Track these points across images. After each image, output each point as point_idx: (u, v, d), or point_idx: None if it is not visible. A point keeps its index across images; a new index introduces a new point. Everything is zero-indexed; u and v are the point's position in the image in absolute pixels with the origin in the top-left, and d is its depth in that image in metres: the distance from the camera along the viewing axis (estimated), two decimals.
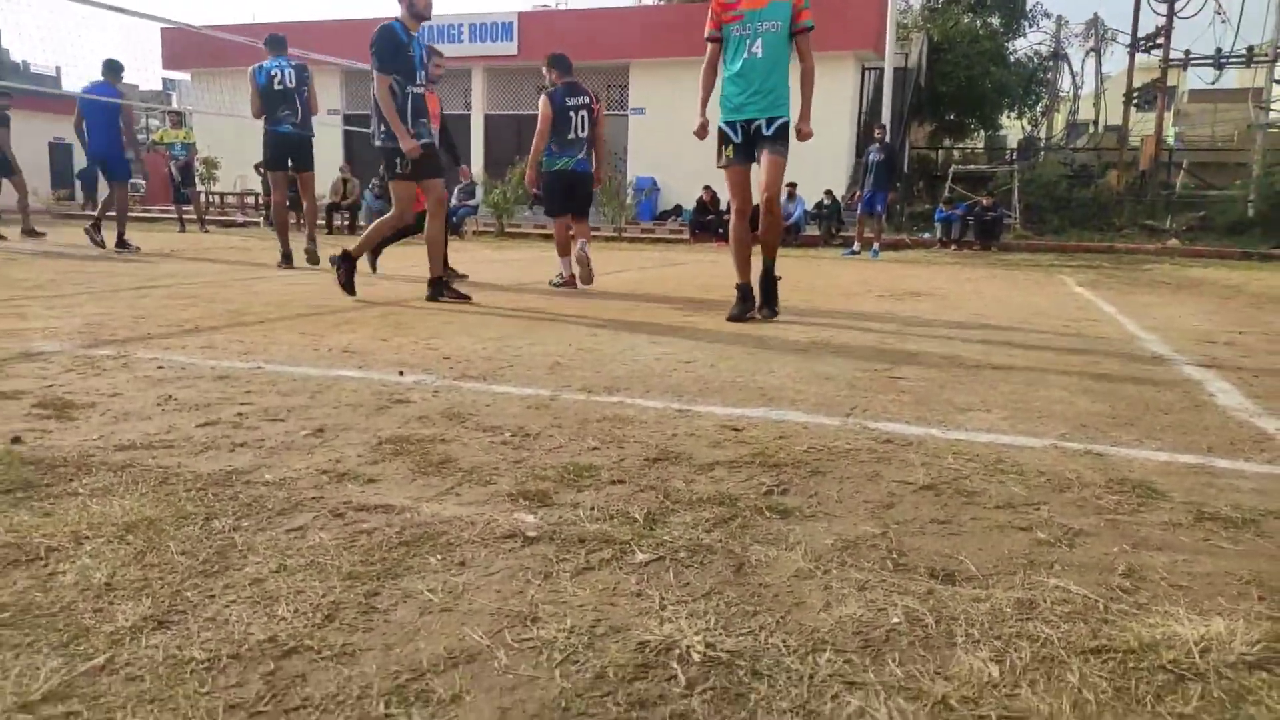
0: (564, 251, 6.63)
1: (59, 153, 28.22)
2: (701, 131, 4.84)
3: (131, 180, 9.70)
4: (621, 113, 19.86)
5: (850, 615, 1.36)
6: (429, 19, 5.34)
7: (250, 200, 20.24)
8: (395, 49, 5.11)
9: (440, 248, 5.56)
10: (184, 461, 2.03)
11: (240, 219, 18.29)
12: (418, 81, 5.27)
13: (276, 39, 7.86)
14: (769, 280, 4.86)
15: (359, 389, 2.85)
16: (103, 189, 10.91)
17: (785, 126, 4.71)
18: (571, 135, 6.47)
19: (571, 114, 6.46)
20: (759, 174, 4.74)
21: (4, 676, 1.13)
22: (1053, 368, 3.56)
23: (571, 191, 6.61)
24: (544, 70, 6.63)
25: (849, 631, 1.31)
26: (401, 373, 3.12)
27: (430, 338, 3.94)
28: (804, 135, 4.71)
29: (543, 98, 6.47)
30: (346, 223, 15.58)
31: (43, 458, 2.02)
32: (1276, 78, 18.91)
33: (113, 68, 9.46)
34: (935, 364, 3.58)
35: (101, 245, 9.30)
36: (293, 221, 8.17)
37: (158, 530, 1.61)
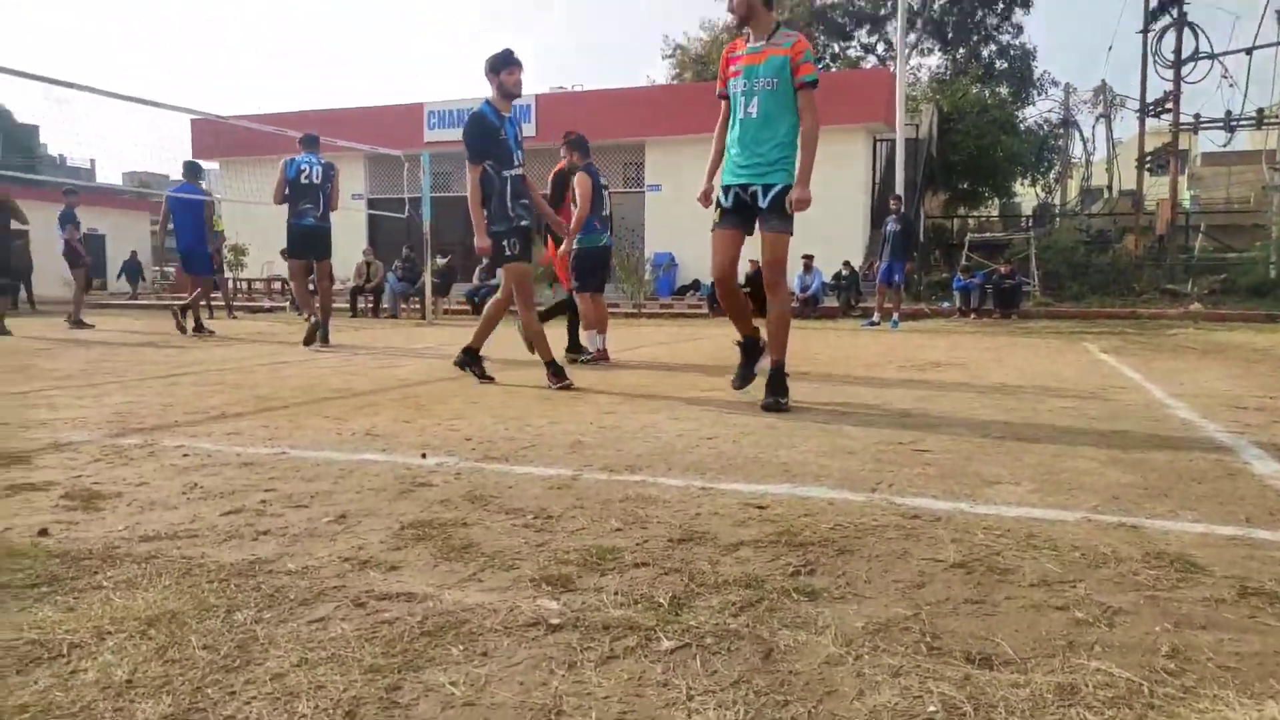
0: (597, 326, 6.72)
1: (91, 243, 29.06)
2: (704, 200, 4.56)
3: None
4: (638, 189, 20.25)
5: (885, 704, 1.32)
6: (519, 96, 5.25)
7: (277, 286, 20.66)
8: (485, 134, 5.07)
9: (492, 325, 5.48)
10: (208, 551, 2.03)
11: (267, 304, 18.63)
12: (515, 164, 5.16)
13: (311, 138, 8.45)
14: (777, 375, 4.29)
15: (382, 473, 2.85)
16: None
17: (785, 195, 4.25)
18: (606, 212, 6.65)
19: (604, 192, 6.68)
20: (762, 250, 4.40)
21: None
22: (1080, 437, 3.51)
23: (606, 267, 6.82)
24: (562, 151, 6.79)
25: None
26: (424, 455, 3.12)
27: (452, 418, 3.96)
28: (797, 203, 4.20)
29: (581, 174, 6.57)
30: (370, 304, 15.82)
31: (68, 550, 2.03)
32: None
33: (193, 169, 10.37)
34: (960, 435, 3.54)
35: (204, 332, 10.08)
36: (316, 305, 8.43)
37: (180, 624, 1.60)
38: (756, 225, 4.38)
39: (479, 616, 1.65)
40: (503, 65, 5.10)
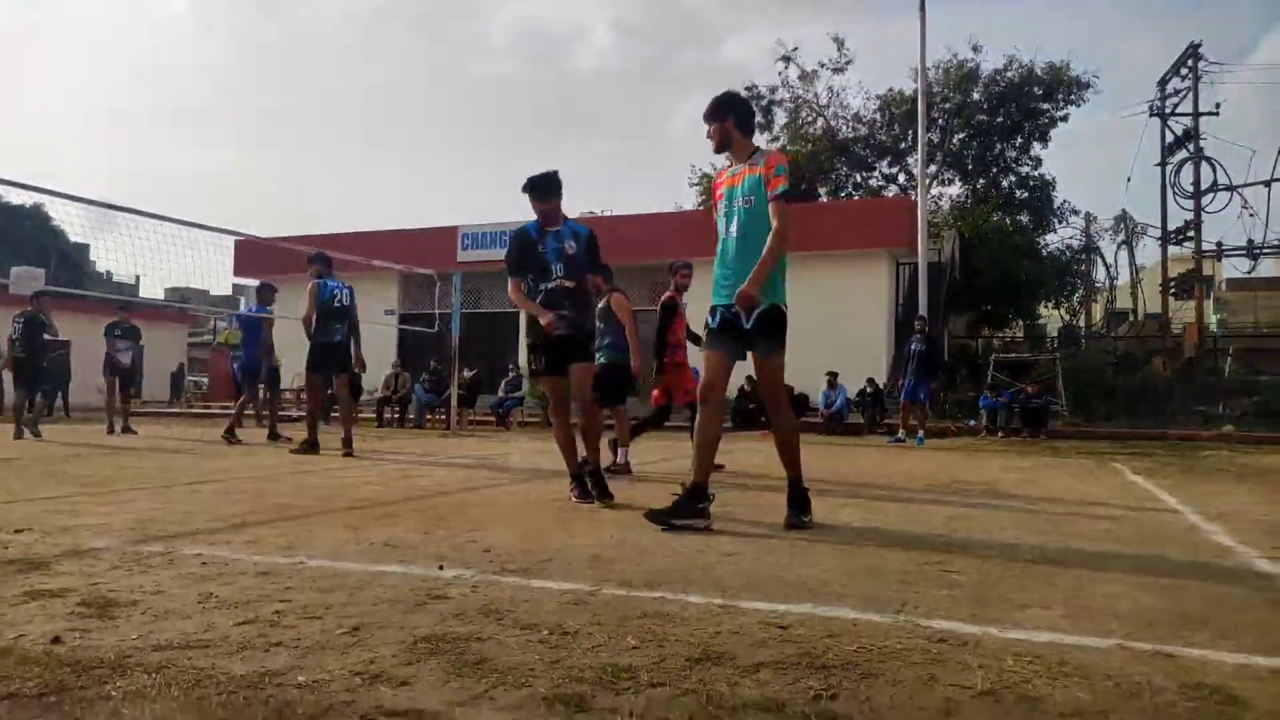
0: (619, 439, 6.99)
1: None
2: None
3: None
4: None
5: None
6: (551, 224, 5.21)
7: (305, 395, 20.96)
8: (521, 250, 5.17)
9: (596, 432, 5.34)
10: (218, 662, 2.00)
11: (295, 414, 18.85)
12: (553, 277, 5.12)
13: (324, 257, 9.10)
14: (797, 492, 4.23)
15: (398, 584, 2.82)
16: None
17: (768, 317, 4.14)
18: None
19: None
20: (756, 376, 4.33)
21: None
22: (1113, 561, 3.42)
23: (629, 382, 7.09)
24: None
25: None
26: (441, 567, 3.09)
27: (471, 530, 3.93)
28: (738, 297, 4.09)
29: (618, 295, 6.96)
30: (396, 415, 15.97)
31: (80, 659, 2.01)
32: None
33: (263, 291, 11.20)
34: (988, 556, 3.46)
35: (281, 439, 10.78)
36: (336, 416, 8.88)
37: None
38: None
39: None
40: (531, 193, 5.17)
